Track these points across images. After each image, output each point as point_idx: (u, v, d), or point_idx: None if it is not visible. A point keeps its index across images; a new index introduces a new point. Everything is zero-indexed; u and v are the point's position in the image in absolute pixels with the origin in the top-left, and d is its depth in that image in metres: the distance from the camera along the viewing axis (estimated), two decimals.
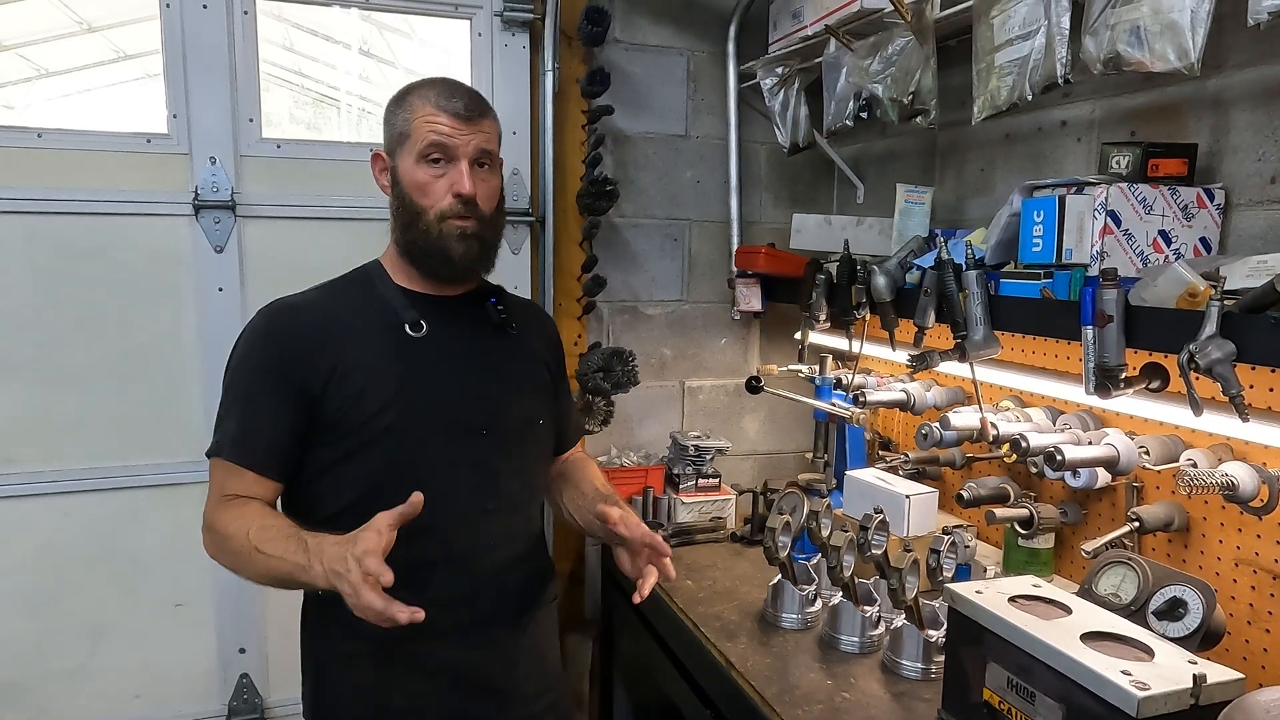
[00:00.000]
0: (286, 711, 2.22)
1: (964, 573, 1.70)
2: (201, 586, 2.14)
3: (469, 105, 1.36)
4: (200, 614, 2.15)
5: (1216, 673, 1.07)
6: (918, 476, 2.01)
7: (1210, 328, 1.12)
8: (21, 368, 1.97)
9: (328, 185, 2.14)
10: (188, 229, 2.04)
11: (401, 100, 1.40)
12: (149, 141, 2.01)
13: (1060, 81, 1.37)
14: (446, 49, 2.57)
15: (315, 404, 1.35)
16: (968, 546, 1.77)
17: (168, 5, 1.97)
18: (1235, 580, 1.46)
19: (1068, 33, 1.35)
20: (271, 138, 2.10)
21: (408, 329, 1.40)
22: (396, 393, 1.36)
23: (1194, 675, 1.04)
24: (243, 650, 2.18)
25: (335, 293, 1.46)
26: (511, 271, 2.28)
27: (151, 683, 2.13)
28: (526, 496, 1.52)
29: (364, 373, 1.36)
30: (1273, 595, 1.40)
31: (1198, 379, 1.14)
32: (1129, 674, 1.07)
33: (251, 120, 2.07)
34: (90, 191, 1.97)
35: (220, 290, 2.07)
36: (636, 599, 1.34)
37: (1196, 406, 1.18)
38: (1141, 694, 1.02)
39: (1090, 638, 1.17)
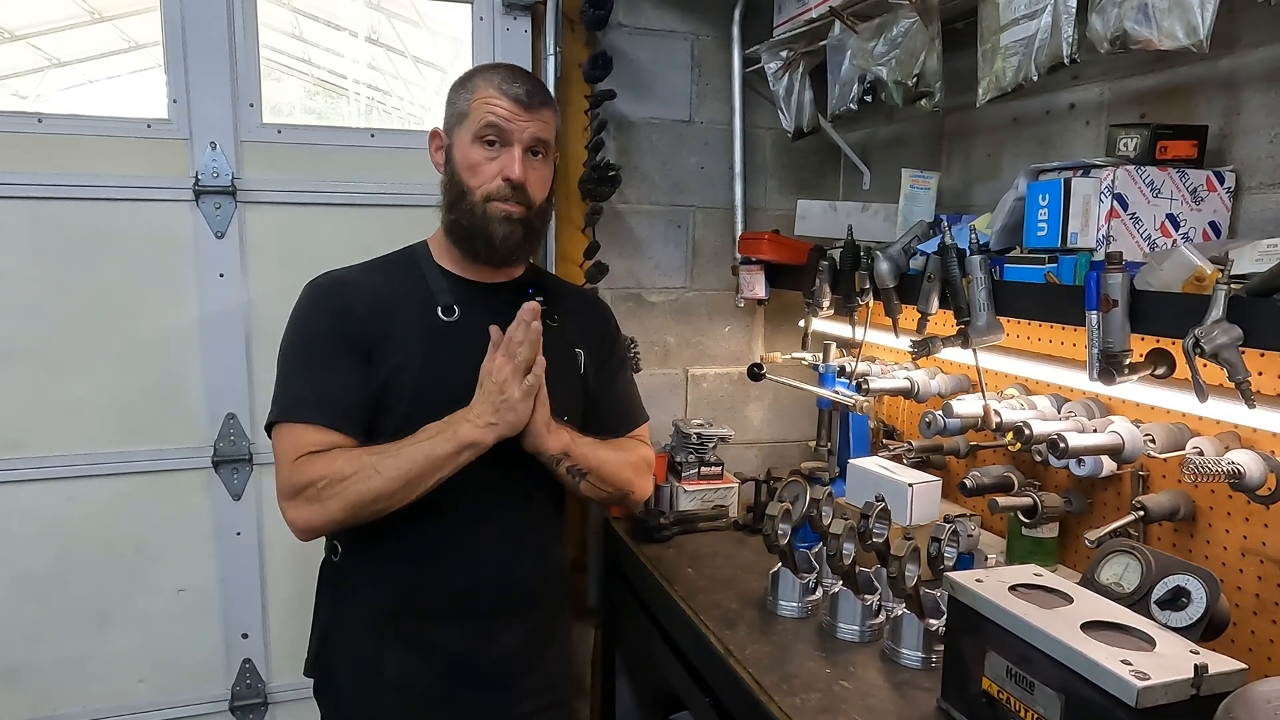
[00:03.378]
0: (289, 696, 2.23)
1: (965, 561, 1.68)
2: (204, 572, 2.14)
3: (530, 92, 1.38)
4: (203, 599, 2.16)
5: (1218, 663, 1.05)
6: (922, 465, 1.99)
7: (1216, 312, 1.09)
8: (24, 353, 1.98)
9: (329, 170, 2.12)
10: (189, 214, 2.04)
11: (465, 81, 1.43)
12: (149, 127, 2.00)
13: (1066, 61, 1.34)
14: (456, 37, 2.55)
15: (369, 370, 1.37)
16: (970, 535, 1.76)
17: None
18: (1242, 570, 1.44)
19: (1074, 11, 1.32)
20: (272, 123, 2.09)
21: (440, 313, 1.42)
22: (418, 376, 1.38)
23: (1195, 665, 1.03)
24: (245, 635, 2.19)
25: (380, 270, 1.47)
26: None
27: (155, 667, 2.14)
28: (542, 491, 1.50)
29: (399, 353, 1.38)
30: None
31: (1204, 365, 1.11)
32: (1129, 664, 1.05)
33: (252, 105, 2.06)
34: (91, 177, 1.96)
35: (221, 276, 2.07)
36: None
37: (1201, 392, 1.16)
38: (1141, 684, 1.01)
39: (1091, 627, 1.16)
